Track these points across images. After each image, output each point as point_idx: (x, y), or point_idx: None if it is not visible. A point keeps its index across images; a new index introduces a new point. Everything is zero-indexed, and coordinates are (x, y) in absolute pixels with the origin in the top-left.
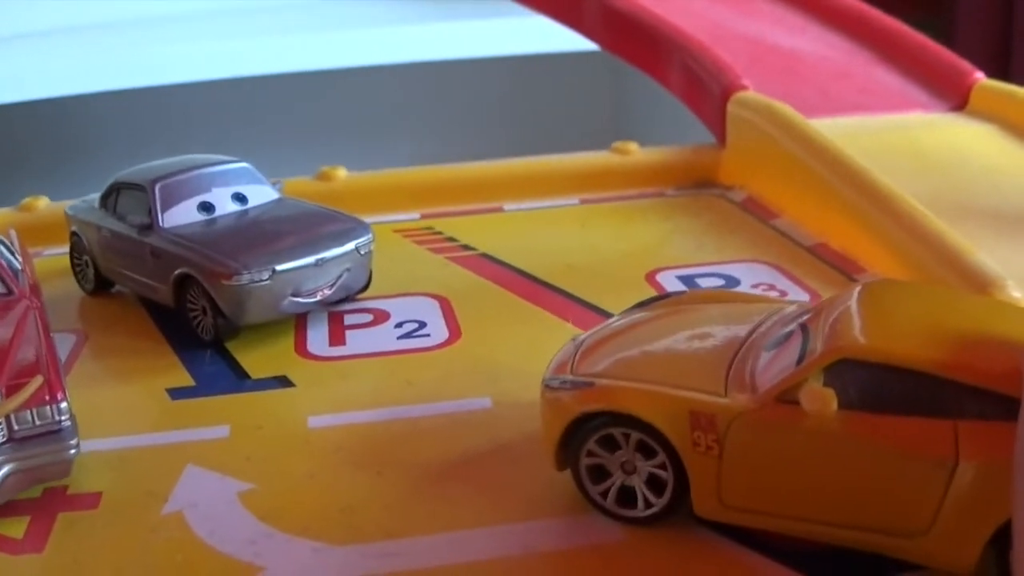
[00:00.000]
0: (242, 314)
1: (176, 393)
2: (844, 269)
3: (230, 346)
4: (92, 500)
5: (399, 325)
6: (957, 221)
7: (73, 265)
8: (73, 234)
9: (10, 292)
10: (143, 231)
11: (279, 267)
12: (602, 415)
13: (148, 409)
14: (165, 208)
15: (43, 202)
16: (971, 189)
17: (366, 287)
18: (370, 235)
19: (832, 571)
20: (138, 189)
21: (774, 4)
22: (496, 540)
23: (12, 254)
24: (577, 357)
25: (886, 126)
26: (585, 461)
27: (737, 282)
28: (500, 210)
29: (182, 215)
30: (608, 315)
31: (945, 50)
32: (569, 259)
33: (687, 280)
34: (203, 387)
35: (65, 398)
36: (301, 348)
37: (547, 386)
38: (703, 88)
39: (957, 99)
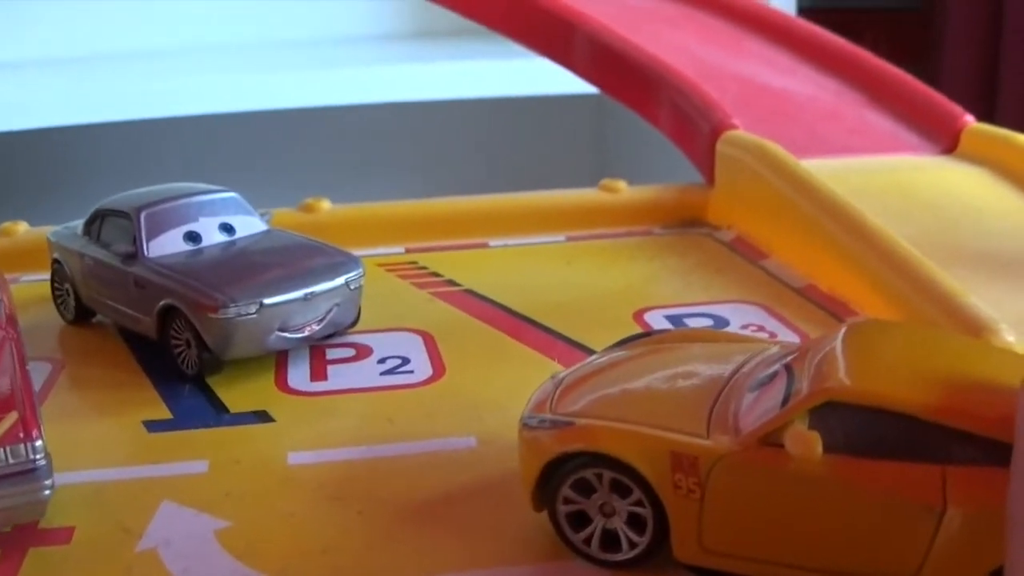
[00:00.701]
0: (228, 348)
1: (153, 426)
2: (834, 311)
3: (209, 380)
4: (65, 535)
5: (382, 361)
6: (947, 263)
7: (54, 293)
8: (55, 261)
9: None
10: (127, 260)
11: (267, 301)
12: (581, 455)
13: (124, 442)
14: (151, 237)
15: (22, 227)
16: (961, 231)
17: (355, 323)
18: (360, 270)
19: None
20: (123, 216)
21: (765, 44)
22: None
23: None
24: (557, 395)
25: (876, 167)
26: (562, 507)
27: (726, 322)
28: (485, 246)
29: (168, 245)
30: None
31: (935, 93)
32: (555, 296)
33: (675, 320)
34: (181, 420)
35: (40, 436)
36: (282, 383)
37: (525, 425)
38: (692, 126)
39: (947, 142)
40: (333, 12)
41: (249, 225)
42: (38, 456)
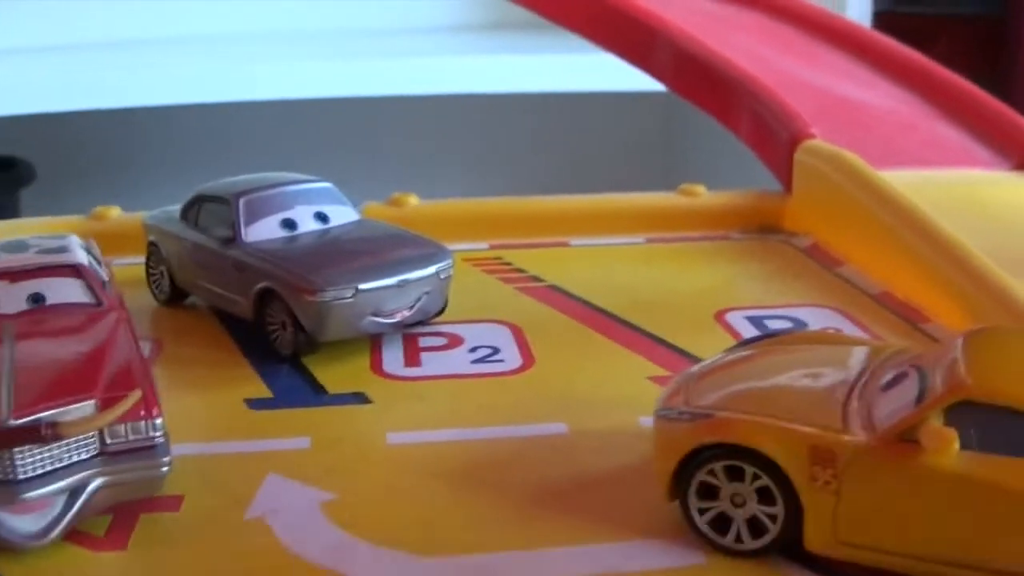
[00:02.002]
0: (323, 330)
1: (254, 404)
2: (909, 317)
3: (306, 362)
4: (174, 503)
5: (473, 350)
6: (1019, 273)
7: (148, 275)
8: (151, 244)
9: (100, 303)
10: (225, 244)
11: (362, 286)
12: (719, 447)
13: (227, 418)
14: (248, 222)
15: (115, 212)
16: None
17: (442, 311)
18: (450, 260)
19: None
20: (222, 203)
21: (843, 57)
22: (574, 560)
23: (99, 264)
24: (689, 388)
25: (950, 180)
26: (695, 497)
27: (805, 325)
28: (566, 244)
29: (264, 230)
30: (680, 351)
31: (1008, 108)
32: (637, 295)
33: (755, 321)
34: (281, 399)
35: (161, 414)
36: (377, 367)
37: (662, 416)
38: (771, 135)
39: (1019, 158)
40: (412, 2)
41: (343, 214)
42: (158, 434)
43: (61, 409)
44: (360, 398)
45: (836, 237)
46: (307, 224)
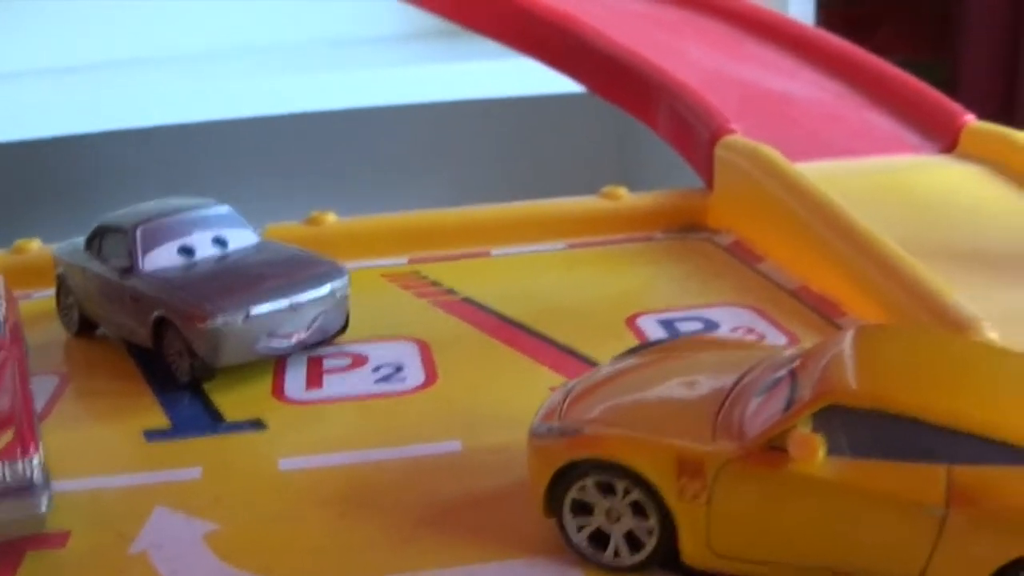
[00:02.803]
0: (217, 356)
1: (152, 435)
2: (824, 312)
3: (208, 388)
4: (60, 539)
5: (376, 369)
6: (938, 262)
7: (59, 307)
8: (59, 276)
9: None
10: (124, 274)
11: (253, 310)
12: (589, 463)
13: (123, 450)
14: (145, 251)
15: (35, 244)
16: (956, 230)
17: (343, 330)
18: (345, 278)
19: None
20: (120, 232)
21: (766, 48)
22: None
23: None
24: (566, 404)
25: (875, 168)
26: (570, 514)
27: (717, 326)
28: (488, 255)
29: (162, 258)
30: (585, 359)
31: (935, 92)
32: (550, 303)
33: (667, 324)
34: (179, 429)
35: (37, 452)
36: (278, 391)
37: (535, 433)
38: (691, 132)
39: (947, 141)
40: (327, 14)
41: (242, 238)
42: (35, 473)
43: None
44: (256, 425)
45: (757, 233)
46: (205, 250)
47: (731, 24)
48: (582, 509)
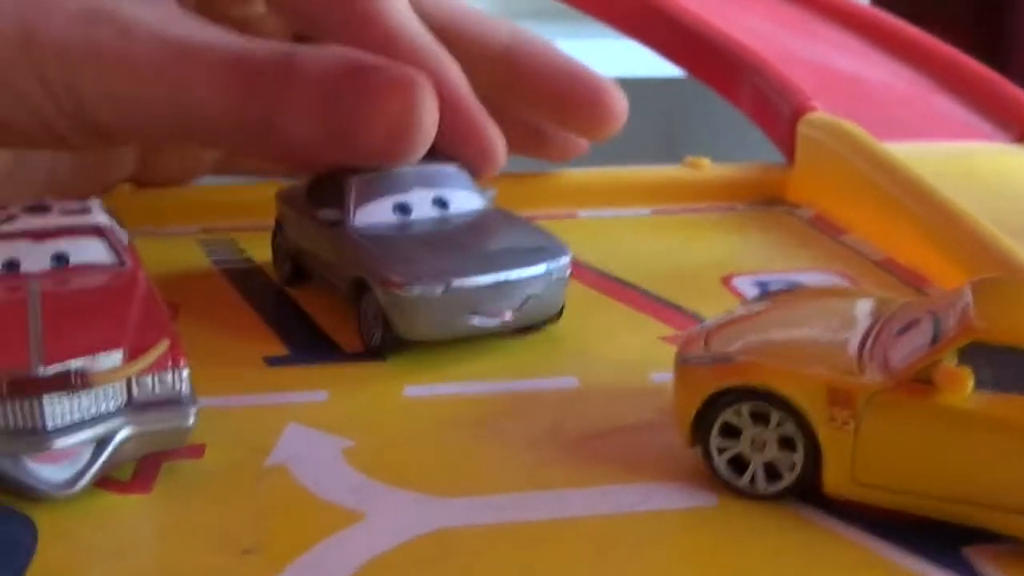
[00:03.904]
0: (412, 328)
1: (273, 361)
2: (911, 282)
3: (322, 322)
4: (196, 451)
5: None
6: (1019, 241)
7: (273, 252)
8: (277, 220)
9: (123, 263)
10: (334, 227)
11: (455, 282)
12: (739, 391)
13: (245, 374)
14: (359, 204)
15: None
16: None
17: (558, 316)
18: (567, 259)
19: (913, 540)
20: (338, 181)
21: (841, 33)
22: (590, 500)
23: (122, 227)
24: (708, 337)
25: (949, 152)
26: (717, 440)
27: None
28: (574, 216)
29: (376, 214)
30: (688, 313)
31: (1007, 82)
32: (644, 262)
33: (762, 286)
34: (299, 357)
35: (187, 365)
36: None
37: (684, 361)
38: (773, 108)
39: (1018, 130)
40: None
41: (467, 200)
42: (184, 384)
43: (90, 358)
44: (375, 355)
45: (839, 207)
46: (423, 210)
47: (800, 5)
48: (729, 433)
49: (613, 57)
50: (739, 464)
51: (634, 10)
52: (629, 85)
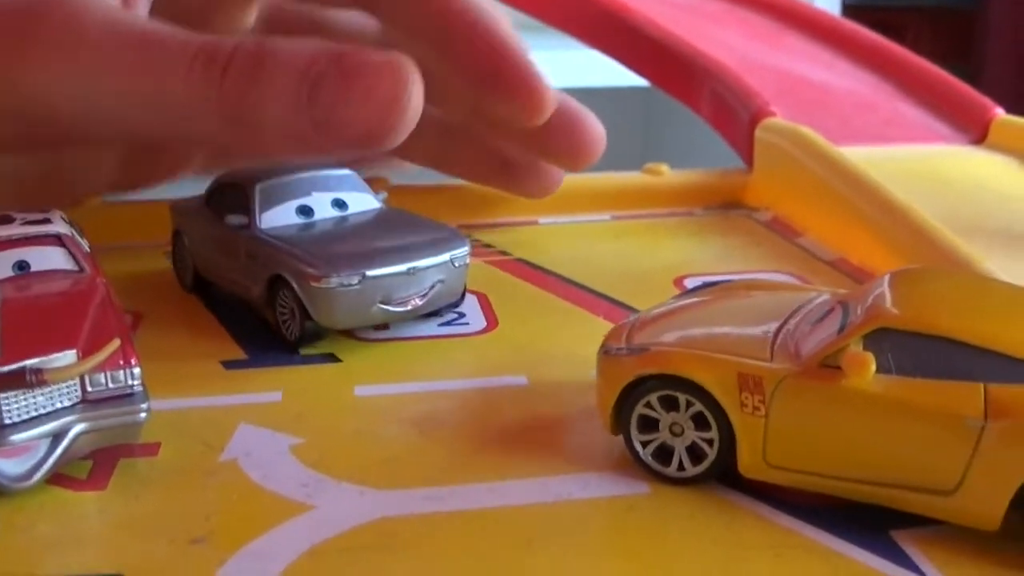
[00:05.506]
0: (330, 318)
1: (230, 365)
2: (861, 280)
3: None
4: (151, 449)
5: (438, 314)
6: (969, 237)
7: (174, 262)
8: (175, 231)
9: (83, 270)
10: (240, 231)
11: (369, 272)
12: (656, 378)
13: (203, 377)
14: (263, 209)
15: None
16: (986, 212)
17: (461, 300)
18: (466, 247)
19: (841, 524)
20: (239, 189)
21: (804, 40)
22: (528, 489)
23: (80, 236)
24: (632, 329)
25: (907, 155)
26: (636, 429)
27: None
28: (535, 223)
29: (280, 217)
30: (637, 312)
31: (966, 86)
32: (601, 265)
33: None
34: (255, 360)
35: (138, 363)
36: (347, 331)
37: (605, 352)
38: (733, 114)
39: (977, 133)
40: None
41: (362, 202)
42: (136, 381)
43: (45, 358)
44: (330, 358)
45: (795, 210)
46: (324, 211)
47: (769, 16)
48: (648, 426)
49: (578, 67)
50: (664, 453)
51: (595, 20)
52: (598, 95)
